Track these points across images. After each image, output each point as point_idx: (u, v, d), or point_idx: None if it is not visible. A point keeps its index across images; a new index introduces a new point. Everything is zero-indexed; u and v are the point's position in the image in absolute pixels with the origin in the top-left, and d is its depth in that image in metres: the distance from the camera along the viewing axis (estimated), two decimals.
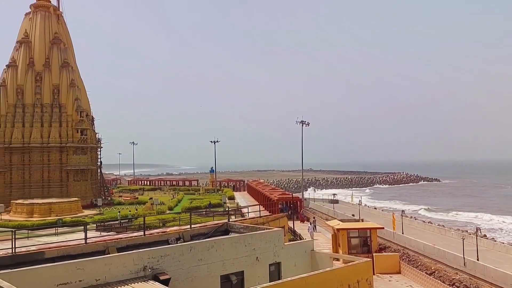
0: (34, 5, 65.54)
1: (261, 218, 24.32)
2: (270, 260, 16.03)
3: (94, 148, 66.83)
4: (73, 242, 16.87)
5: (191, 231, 18.75)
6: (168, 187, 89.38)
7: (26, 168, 59.56)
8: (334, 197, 67.38)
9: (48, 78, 62.41)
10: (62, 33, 66.76)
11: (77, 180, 61.06)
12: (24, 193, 57.54)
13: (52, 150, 60.35)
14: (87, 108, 66.46)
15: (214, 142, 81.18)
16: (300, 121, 61.14)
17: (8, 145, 59.27)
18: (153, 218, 37.00)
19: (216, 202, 55.04)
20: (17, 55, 63.13)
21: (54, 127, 61.08)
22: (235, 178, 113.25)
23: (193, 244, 14.96)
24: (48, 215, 46.98)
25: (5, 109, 60.76)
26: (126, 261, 12.90)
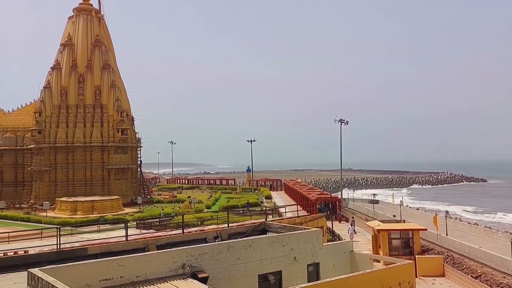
0: (76, 8, 68.00)
1: (299, 218, 24.22)
2: (308, 260, 15.93)
3: (134, 148, 68.65)
4: (114, 239, 17.44)
5: (229, 230, 18.92)
6: (205, 186, 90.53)
7: (70, 167, 61.95)
8: (374, 197, 66.15)
9: (90, 79, 64.62)
10: (103, 36, 68.97)
11: (118, 178, 62.93)
12: (68, 191, 59.84)
13: (94, 150, 62.49)
14: (127, 108, 68.33)
15: (251, 141, 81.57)
16: (339, 120, 60.38)
17: (53, 144, 61.83)
18: (191, 217, 37.58)
19: (253, 202, 55.24)
20: (61, 58, 65.70)
21: (96, 127, 63.21)
22: (272, 178, 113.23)
23: (231, 243, 15.08)
24: (90, 213, 48.66)
25: (50, 110, 63.39)
26: (166, 258, 13.17)
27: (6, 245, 21.70)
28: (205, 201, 58.85)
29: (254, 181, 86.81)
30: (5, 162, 66.78)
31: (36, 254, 14.64)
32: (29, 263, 13.37)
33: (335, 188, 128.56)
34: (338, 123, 60.50)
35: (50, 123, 62.92)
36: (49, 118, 63.11)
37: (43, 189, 60.98)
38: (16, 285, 11.84)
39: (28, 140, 65.38)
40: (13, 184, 66.62)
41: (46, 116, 63.16)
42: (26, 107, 72.22)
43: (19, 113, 71.95)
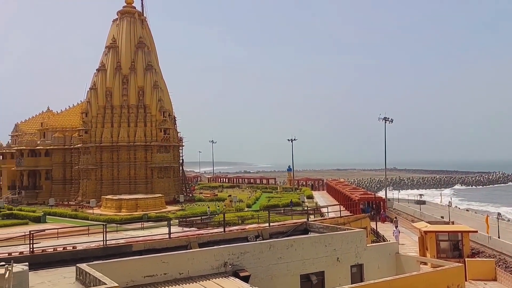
0: (120, 11, 70.24)
1: (342, 218, 23.93)
2: (351, 261, 15.72)
3: (176, 147, 70.12)
4: (158, 236, 17.88)
5: (270, 229, 18.95)
6: (246, 185, 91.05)
7: (114, 166, 64.10)
8: (420, 198, 64.26)
9: (133, 80, 66.56)
10: (146, 37, 70.84)
11: (160, 177, 64.50)
12: (113, 189, 61.92)
13: (138, 149, 64.33)
14: (169, 108, 69.87)
15: (291, 140, 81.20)
16: (383, 118, 59.06)
17: (99, 144, 64.17)
18: (232, 215, 37.94)
19: (294, 201, 55.06)
20: (106, 60, 68.06)
21: (139, 127, 65.06)
22: (314, 177, 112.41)
23: (273, 242, 15.10)
24: (134, 210, 50.11)
25: (96, 110, 65.82)
26: (208, 256, 13.37)
27: (56, 241, 22.71)
28: (245, 200, 59.20)
29: (295, 181, 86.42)
30: (54, 161, 69.90)
31: (83, 250, 15.24)
32: (77, 258, 13.93)
33: (379, 188, 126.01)
34: (382, 121, 59.21)
35: (96, 123, 65.33)
36: (95, 118, 65.53)
37: (90, 187, 63.41)
38: (65, 279, 12.36)
39: (75, 139, 68.17)
40: (61, 182, 69.64)
41: (92, 116, 65.61)
42: (74, 108, 75.27)
43: (67, 114, 75.11)
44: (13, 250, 18.04)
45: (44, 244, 17.67)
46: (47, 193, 68.07)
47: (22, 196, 68.82)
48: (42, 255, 14.54)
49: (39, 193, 69.06)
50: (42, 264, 13.75)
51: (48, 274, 12.97)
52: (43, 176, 70.32)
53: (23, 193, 69.63)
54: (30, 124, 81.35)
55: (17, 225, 42.88)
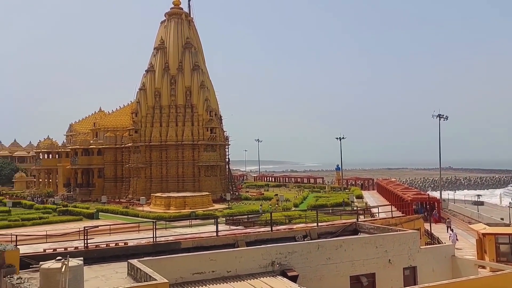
0: (168, 13, 72.07)
1: (394, 219, 23.33)
2: (404, 263, 15.31)
3: (223, 146, 71.05)
4: (205, 234, 18.16)
5: (318, 229, 18.80)
6: (292, 184, 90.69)
7: (163, 164, 65.87)
8: (478, 198, 61.46)
9: (181, 80, 68.07)
10: (193, 38, 72.24)
11: (207, 175, 65.59)
12: (162, 187, 63.67)
13: (186, 148, 65.75)
14: (215, 107, 70.90)
15: (340, 139, 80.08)
16: (437, 115, 56.96)
17: (148, 143, 66.15)
18: (279, 215, 37.95)
19: (342, 201, 54.29)
20: (154, 61, 70.04)
21: (187, 126, 66.48)
22: (364, 176, 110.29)
23: (321, 242, 14.98)
24: (182, 208, 51.25)
25: (145, 110, 67.89)
26: (255, 255, 13.44)
27: (108, 237, 23.66)
28: (292, 199, 59.00)
29: (344, 180, 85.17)
30: (106, 160, 72.73)
31: (134, 246, 15.76)
32: (129, 254, 14.42)
33: (433, 188, 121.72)
34: (437, 118, 57.13)
35: (145, 123, 67.39)
36: (145, 118, 67.59)
37: (140, 185, 65.49)
38: (118, 274, 12.83)
39: (126, 139, 70.59)
40: (113, 180, 72.38)
41: (142, 116, 67.73)
42: (124, 108, 78.00)
43: (118, 114, 77.96)
44: (68, 245, 18.95)
45: (97, 239, 18.45)
46: (99, 190, 70.98)
47: (77, 193, 72.17)
48: (95, 250, 15.18)
49: (92, 191, 72.15)
50: (95, 259, 14.35)
51: (101, 269, 13.52)
52: (96, 174, 73.36)
53: (77, 190, 73.01)
54: (84, 124, 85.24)
55: (72, 221, 45.07)
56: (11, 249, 7.68)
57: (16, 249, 7.85)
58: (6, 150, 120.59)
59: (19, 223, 43.18)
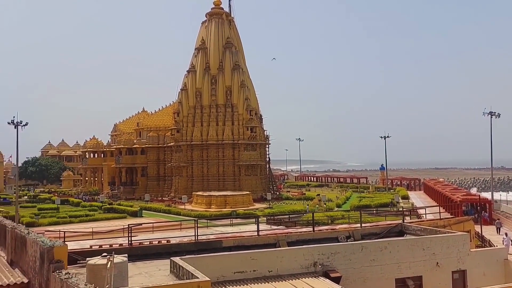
0: (209, 13, 73.04)
1: (442, 221, 22.56)
2: (453, 266, 14.81)
3: (263, 145, 71.22)
4: (246, 233, 18.26)
5: (362, 230, 18.52)
6: (335, 184, 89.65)
7: (204, 163, 66.84)
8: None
9: (221, 80, 68.82)
10: (234, 37, 72.82)
11: (248, 175, 65.96)
12: (203, 186, 64.62)
13: (226, 147, 66.43)
14: (256, 107, 71.17)
15: (384, 138, 78.34)
16: (489, 113, 54.62)
17: (190, 142, 67.32)
18: (321, 215, 37.61)
19: (387, 202, 53.15)
20: (195, 61, 71.17)
21: (227, 125, 67.15)
22: (409, 176, 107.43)
23: (365, 243, 14.74)
24: (223, 207, 51.80)
25: (187, 110, 69.12)
26: (297, 255, 13.38)
27: (151, 235, 24.19)
28: (335, 199, 58.35)
29: (389, 180, 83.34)
30: (149, 159, 74.66)
31: (176, 244, 16.06)
32: (171, 252, 14.72)
33: (484, 189, 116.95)
34: (488, 115, 54.81)
35: (187, 123, 68.61)
36: (186, 118, 68.83)
37: (182, 184, 66.75)
38: (160, 271, 13.12)
39: (168, 138, 72.19)
40: (156, 179, 74.19)
41: (183, 116, 69.00)
42: (166, 108, 79.72)
43: (160, 114, 79.79)
44: (113, 242, 19.54)
45: (141, 237, 18.90)
46: (143, 189, 72.93)
47: (121, 192, 74.49)
48: (139, 247, 15.60)
49: (135, 189, 74.26)
50: (139, 256, 14.75)
51: (144, 266, 13.87)
52: (139, 173, 75.43)
53: (121, 188, 75.36)
54: (127, 124, 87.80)
55: (116, 219, 46.50)
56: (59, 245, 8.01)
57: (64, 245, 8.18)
58: (55, 149, 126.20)
59: (67, 220, 45.05)
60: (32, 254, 8.45)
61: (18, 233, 9.25)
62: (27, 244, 8.75)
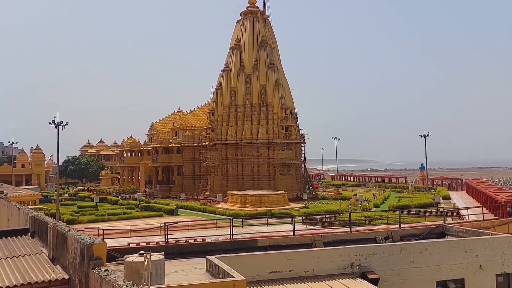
0: (244, 12, 73.45)
1: (485, 222, 21.88)
2: (497, 269, 14.31)
3: (298, 144, 70.90)
4: (282, 233, 18.26)
5: (401, 231, 18.21)
6: (373, 184, 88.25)
7: (239, 162, 67.22)
8: None
9: (256, 79, 68.99)
10: (268, 36, 72.87)
11: (283, 174, 65.84)
12: (238, 185, 64.98)
13: (261, 146, 66.54)
14: (291, 105, 70.91)
15: (424, 136, 76.48)
16: None
17: (224, 141, 67.87)
18: (358, 215, 37.11)
19: (427, 202, 51.84)
20: (230, 60, 71.67)
21: (261, 124, 67.26)
22: (451, 176, 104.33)
23: (404, 244, 14.46)
24: (258, 206, 51.92)
25: (221, 109, 69.71)
26: (334, 256, 13.25)
27: (187, 233, 24.60)
28: (372, 199, 57.44)
29: (429, 180, 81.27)
30: (185, 158, 75.80)
31: (212, 243, 16.24)
32: (207, 250, 14.91)
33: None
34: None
35: (221, 122, 69.20)
36: (221, 117, 69.42)
37: (217, 182, 67.39)
38: (196, 269, 13.30)
39: (203, 137, 73.06)
40: (191, 177, 75.26)
41: (218, 115, 69.63)
42: (201, 108, 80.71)
43: (196, 113, 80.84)
44: (150, 240, 19.98)
45: (177, 235, 19.23)
46: (178, 187, 74.11)
47: (157, 190, 75.98)
48: (175, 245, 15.86)
49: (172, 188, 75.55)
50: (175, 254, 15.00)
51: (181, 264, 14.09)
52: (175, 171, 76.71)
53: (158, 187, 76.89)
54: (164, 123, 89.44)
55: (153, 217, 47.49)
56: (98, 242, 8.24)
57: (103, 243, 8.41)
58: (94, 148, 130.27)
59: (105, 218, 46.38)
60: (73, 251, 8.74)
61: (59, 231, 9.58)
62: (67, 241, 9.05)
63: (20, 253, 9.99)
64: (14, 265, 9.24)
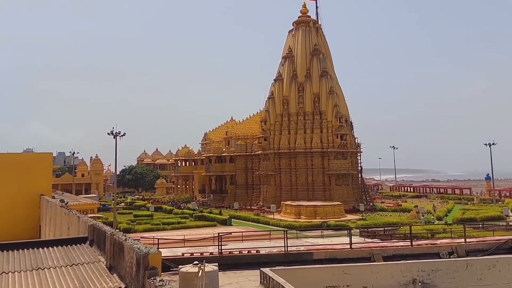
0: (296, 22, 73.94)
1: None
2: None
3: (354, 153, 69.60)
4: (338, 246, 17.86)
5: (466, 245, 17.31)
6: (434, 195, 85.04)
7: (292, 172, 66.93)
8: None
9: (309, 87, 68.74)
10: (321, 44, 72.60)
11: (338, 184, 64.80)
12: (291, 195, 64.62)
13: (315, 155, 65.94)
14: (345, 113, 69.93)
15: (489, 145, 72.85)
16: None
17: (277, 150, 67.89)
18: (419, 228, 35.76)
19: (495, 215, 49.12)
20: (282, 70, 71.99)
21: (315, 133, 66.71)
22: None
23: (470, 260, 13.72)
24: (313, 217, 51.30)
25: (274, 118, 69.94)
26: (394, 271, 12.79)
27: (240, 244, 24.69)
28: (434, 211, 55.26)
29: (496, 191, 77.13)
30: (238, 167, 76.53)
31: (266, 254, 16.16)
32: (261, 262, 14.83)
33: None
34: None
35: (274, 131, 69.39)
36: (273, 126, 69.63)
37: (270, 192, 67.41)
38: (250, 282, 13.25)
39: (256, 146, 73.50)
40: (244, 187, 75.78)
41: (271, 124, 69.90)
42: (254, 117, 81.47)
43: (248, 123, 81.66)
44: (204, 250, 20.18)
45: (230, 246, 19.35)
46: (231, 197, 74.85)
47: (211, 199, 77.13)
48: (229, 256, 15.93)
49: (225, 197, 76.44)
50: (229, 265, 15.05)
51: (234, 276, 14.11)
52: (228, 180, 77.60)
53: (211, 196, 78.05)
54: (217, 133, 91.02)
55: (206, 227, 48.19)
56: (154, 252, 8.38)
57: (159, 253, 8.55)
58: (149, 158, 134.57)
59: (160, 227, 47.55)
60: (129, 260, 8.95)
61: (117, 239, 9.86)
62: (124, 250, 9.29)
63: (79, 261, 10.37)
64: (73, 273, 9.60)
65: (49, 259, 10.43)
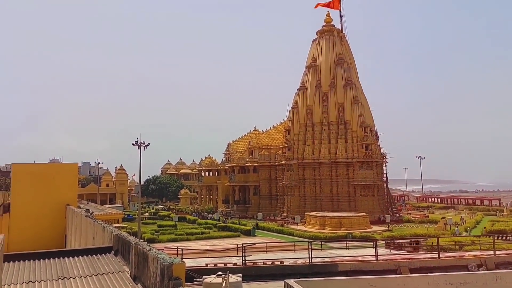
0: (319, 31, 73.92)
1: None
2: None
3: (379, 163, 68.78)
4: (363, 257, 17.63)
5: (496, 258, 16.89)
6: (463, 206, 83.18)
7: (317, 182, 66.50)
8: None
9: (333, 97, 68.45)
10: (345, 53, 72.37)
11: (363, 195, 64.04)
12: (316, 206, 64.17)
13: (339, 165, 65.41)
14: (370, 123, 69.28)
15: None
16: None
17: (301, 160, 67.62)
18: (447, 240, 34.97)
19: None
20: (306, 79, 71.94)
21: (340, 143, 66.25)
22: None
23: (500, 273, 13.31)
24: (338, 228, 50.77)
25: (297, 128, 69.79)
26: (421, 283, 12.51)
27: (264, 255, 24.56)
28: (462, 223, 54.01)
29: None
30: (261, 177, 76.52)
31: (290, 266, 16.08)
32: (285, 274, 14.73)
33: None
34: None
35: (298, 141, 69.20)
36: (297, 136, 69.46)
37: (294, 203, 67.07)
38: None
39: (279, 157, 73.39)
40: (268, 197, 75.64)
41: (294, 134, 69.76)
42: (277, 127, 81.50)
43: (271, 133, 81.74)
44: (228, 260, 20.20)
45: (254, 257, 19.28)
46: (255, 207, 74.78)
47: (234, 210, 77.22)
48: (253, 267, 15.91)
49: (248, 207, 76.41)
50: (253, 276, 15.03)
51: (258, 286, 14.08)
52: (252, 191, 77.60)
53: (235, 206, 78.14)
54: (240, 143, 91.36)
55: (230, 237, 48.18)
56: (178, 262, 8.44)
57: (182, 263, 8.60)
58: (173, 168, 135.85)
59: (184, 237, 47.82)
60: (153, 270, 9.03)
61: (141, 249, 9.98)
62: (148, 260, 9.39)
63: (104, 271, 10.52)
64: (98, 283, 9.74)
65: (75, 269, 10.61)
